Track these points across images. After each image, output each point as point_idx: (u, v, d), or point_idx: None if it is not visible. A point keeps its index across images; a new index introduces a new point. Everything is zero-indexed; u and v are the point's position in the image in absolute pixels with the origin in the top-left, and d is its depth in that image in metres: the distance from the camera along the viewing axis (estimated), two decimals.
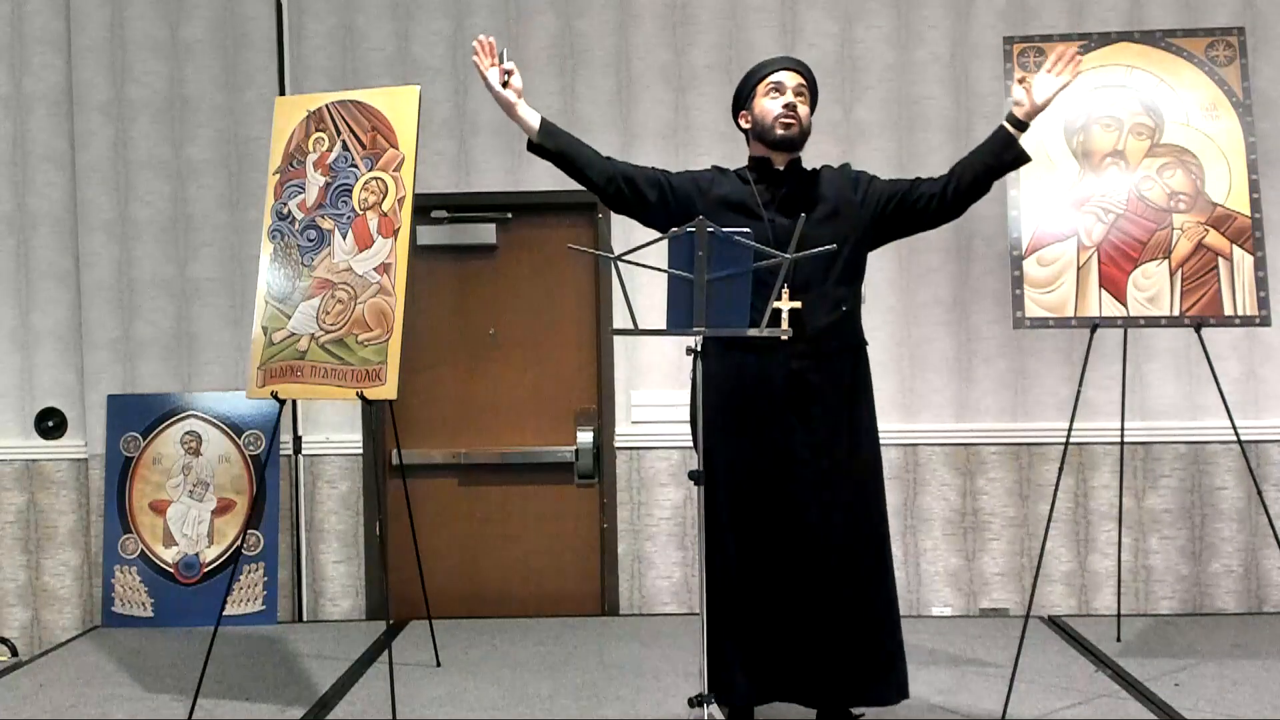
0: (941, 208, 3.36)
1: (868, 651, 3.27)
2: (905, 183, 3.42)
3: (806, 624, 3.24)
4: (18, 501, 5.21)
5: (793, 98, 3.33)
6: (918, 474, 5.02)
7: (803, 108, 3.35)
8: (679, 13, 5.07)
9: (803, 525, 3.25)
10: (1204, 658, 4.28)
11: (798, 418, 3.27)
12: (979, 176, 3.31)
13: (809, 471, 3.26)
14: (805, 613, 3.24)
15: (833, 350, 3.31)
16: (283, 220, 4.04)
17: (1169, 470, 4.98)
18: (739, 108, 3.44)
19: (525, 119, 3.31)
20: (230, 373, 5.14)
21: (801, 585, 3.24)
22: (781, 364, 3.26)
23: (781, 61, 3.42)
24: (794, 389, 3.27)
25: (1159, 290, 3.93)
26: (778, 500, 3.26)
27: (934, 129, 5.01)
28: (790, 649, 3.25)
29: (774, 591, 3.25)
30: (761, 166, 3.39)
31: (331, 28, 5.12)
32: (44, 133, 5.19)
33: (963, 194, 3.33)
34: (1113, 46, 4.11)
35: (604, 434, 5.09)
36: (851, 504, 3.30)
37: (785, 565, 3.25)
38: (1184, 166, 4.00)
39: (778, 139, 3.33)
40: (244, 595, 4.99)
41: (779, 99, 3.33)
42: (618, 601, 5.09)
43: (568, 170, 3.37)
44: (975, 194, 3.35)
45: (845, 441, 3.31)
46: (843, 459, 3.30)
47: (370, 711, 3.87)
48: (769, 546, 3.25)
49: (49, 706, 4.03)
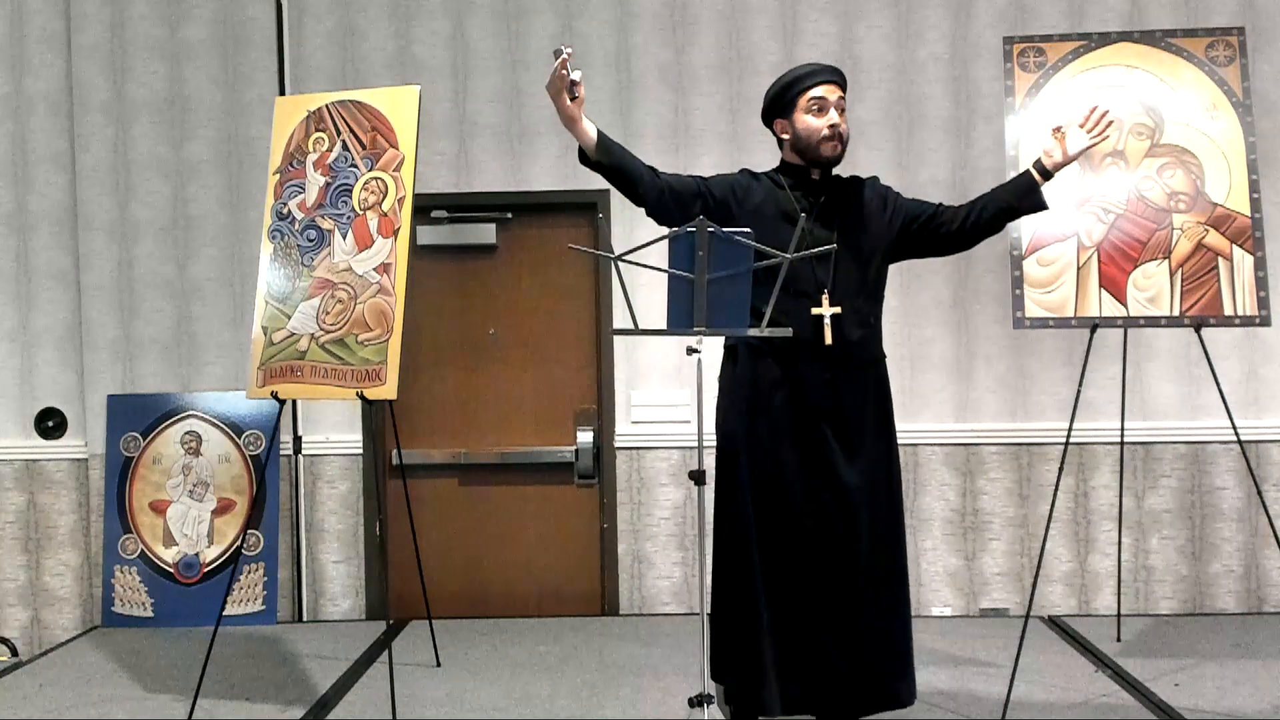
0: (958, 237, 3.39)
1: (892, 655, 3.29)
2: (930, 206, 3.43)
3: (834, 633, 3.25)
4: (18, 501, 5.21)
5: (836, 116, 3.31)
6: (918, 474, 5.02)
7: (845, 123, 3.34)
8: (679, 13, 5.07)
9: (833, 536, 3.25)
10: (1204, 658, 4.28)
11: (831, 429, 3.27)
12: (998, 215, 3.37)
13: (840, 483, 3.26)
14: (833, 622, 3.25)
15: (864, 362, 3.34)
16: (283, 220, 4.04)
17: (1169, 470, 4.98)
18: (774, 114, 3.40)
19: (585, 132, 3.21)
20: (230, 373, 5.14)
21: (829, 595, 3.25)
22: (816, 373, 3.26)
23: (822, 74, 3.35)
24: (827, 399, 3.27)
25: (1159, 290, 3.93)
26: (808, 510, 3.25)
27: (934, 129, 5.01)
28: (819, 659, 3.25)
29: (802, 601, 3.25)
30: (798, 175, 3.38)
31: (331, 28, 5.12)
32: (44, 133, 5.19)
33: (980, 228, 3.37)
34: (1113, 46, 4.11)
35: (604, 434, 5.09)
36: (878, 517, 3.31)
37: (813, 575, 3.25)
38: (1184, 166, 4.00)
39: (825, 159, 3.32)
40: (244, 595, 4.99)
41: (823, 118, 3.30)
42: (618, 601, 5.09)
43: (618, 183, 3.29)
44: (990, 231, 3.40)
45: (874, 454, 3.32)
46: (871, 471, 3.30)
47: (370, 711, 3.87)
48: (797, 556, 3.25)
49: (49, 706, 4.04)
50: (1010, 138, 4.07)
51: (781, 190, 3.35)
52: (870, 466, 3.30)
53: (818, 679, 3.25)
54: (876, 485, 3.31)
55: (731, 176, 3.42)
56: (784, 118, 3.36)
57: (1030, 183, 3.35)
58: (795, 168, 3.38)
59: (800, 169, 3.37)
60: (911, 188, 4.91)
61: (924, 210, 3.41)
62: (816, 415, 3.27)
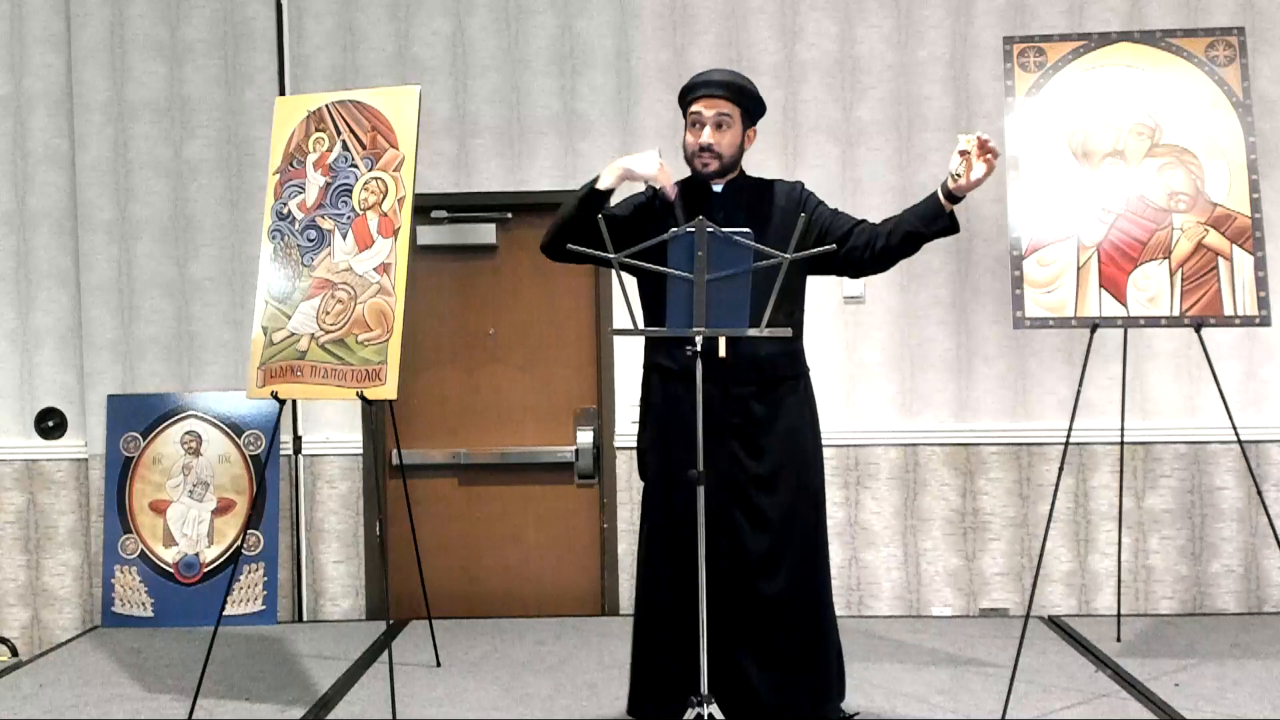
0: (869, 260, 3.33)
1: (811, 676, 3.31)
2: (848, 222, 3.37)
3: (749, 652, 3.26)
4: (18, 501, 5.21)
5: (710, 134, 3.27)
6: (918, 474, 5.02)
7: (724, 137, 3.28)
8: (679, 13, 5.07)
9: (743, 552, 3.27)
10: (1204, 658, 4.28)
11: (742, 447, 3.28)
12: (905, 239, 3.30)
13: (750, 501, 3.27)
14: (741, 628, 3.27)
15: (775, 378, 3.32)
16: (283, 220, 4.04)
17: (1169, 470, 4.98)
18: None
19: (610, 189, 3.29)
20: (230, 373, 5.14)
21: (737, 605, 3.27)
22: (720, 393, 3.24)
23: (701, 88, 3.31)
24: (736, 417, 3.27)
25: (1159, 290, 3.93)
26: (718, 530, 3.23)
27: (934, 129, 5.01)
28: (733, 677, 3.26)
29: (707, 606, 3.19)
30: (698, 188, 3.36)
31: (331, 28, 5.12)
32: (44, 133, 5.19)
33: (891, 252, 3.31)
34: (1113, 46, 4.11)
35: (604, 434, 5.09)
36: (790, 535, 3.31)
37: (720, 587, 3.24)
38: (1184, 166, 4.00)
39: (699, 174, 3.32)
40: (244, 595, 4.99)
41: (696, 135, 3.29)
42: (618, 601, 5.09)
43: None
44: (901, 254, 3.33)
45: (788, 472, 3.31)
46: (784, 489, 3.30)
47: (370, 711, 3.87)
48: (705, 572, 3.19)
49: (49, 706, 4.04)
50: (1010, 138, 4.07)
51: (670, 206, 3.33)
52: (785, 487, 3.29)
53: (732, 696, 3.25)
54: (792, 506, 3.30)
55: (636, 196, 3.42)
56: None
57: (937, 209, 3.26)
58: (695, 182, 3.38)
59: (701, 184, 3.36)
60: (911, 188, 4.93)
61: (839, 226, 3.35)
62: (728, 434, 3.26)
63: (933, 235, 3.30)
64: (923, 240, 3.31)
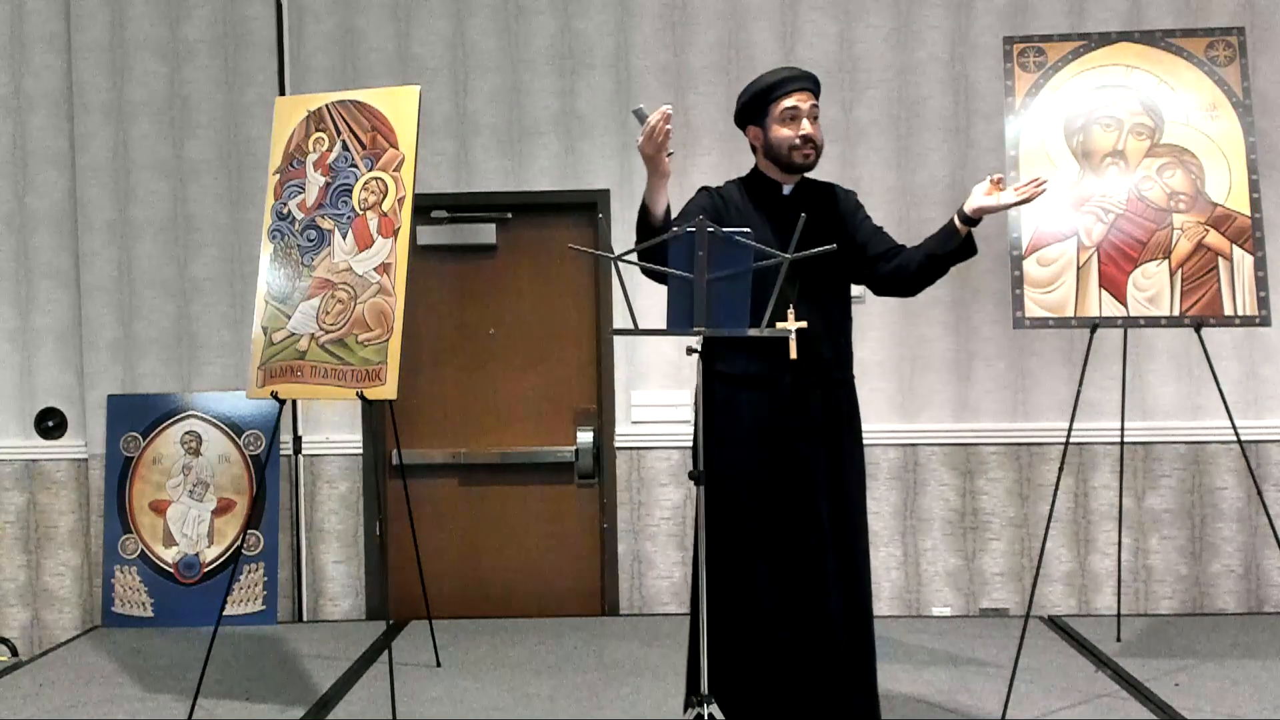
0: (887, 274, 3.34)
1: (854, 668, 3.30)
2: (881, 241, 3.38)
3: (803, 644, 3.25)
4: (18, 501, 5.21)
5: (809, 126, 3.30)
6: (918, 474, 5.02)
7: (818, 130, 3.32)
8: (679, 13, 5.07)
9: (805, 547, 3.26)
10: (1204, 658, 4.28)
11: (807, 446, 3.27)
12: (925, 260, 3.30)
13: (812, 500, 3.26)
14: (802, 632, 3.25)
15: (835, 380, 3.33)
16: (283, 220, 4.04)
17: (1169, 470, 4.98)
18: (747, 120, 3.38)
19: (664, 196, 3.15)
20: (230, 373, 5.14)
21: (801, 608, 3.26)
22: (787, 392, 3.25)
23: (794, 82, 3.32)
24: (799, 417, 3.26)
25: (1159, 290, 3.93)
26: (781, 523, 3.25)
27: (934, 129, 5.01)
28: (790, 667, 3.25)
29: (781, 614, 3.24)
30: (767, 189, 3.37)
31: (331, 28, 5.12)
32: (44, 133, 5.19)
33: (906, 270, 3.31)
34: (1113, 46, 4.11)
35: (604, 434, 5.09)
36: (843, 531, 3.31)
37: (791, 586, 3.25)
38: (1184, 166, 4.00)
39: (797, 166, 3.32)
40: (244, 595, 4.99)
41: (795, 128, 3.30)
42: (618, 601, 5.09)
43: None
44: (922, 275, 3.32)
45: (839, 472, 3.31)
46: (837, 489, 3.30)
47: (370, 711, 3.87)
48: (785, 570, 3.25)
49: (49, 706, 4.04)
50: (1010, 138, 4.07)
51: (748, 204, 3.33)
52: (838, 487, 3.29)
53: (786, 687, 3.25)
54: (842, 505, 3.30)
55: (700, 200, 3.37)
56: (757, 124, 3.35)
57: (951, 229, 3.27)
58: (767, 181, 3.37)
59: (772, 184, 3.37)
60: (911, 188, 4.94)
61: (874, 245, 3.36)
62: (794, 436, 3.25)
63: (949, 256, 3.29)
64: (939, 261, 3.30)
